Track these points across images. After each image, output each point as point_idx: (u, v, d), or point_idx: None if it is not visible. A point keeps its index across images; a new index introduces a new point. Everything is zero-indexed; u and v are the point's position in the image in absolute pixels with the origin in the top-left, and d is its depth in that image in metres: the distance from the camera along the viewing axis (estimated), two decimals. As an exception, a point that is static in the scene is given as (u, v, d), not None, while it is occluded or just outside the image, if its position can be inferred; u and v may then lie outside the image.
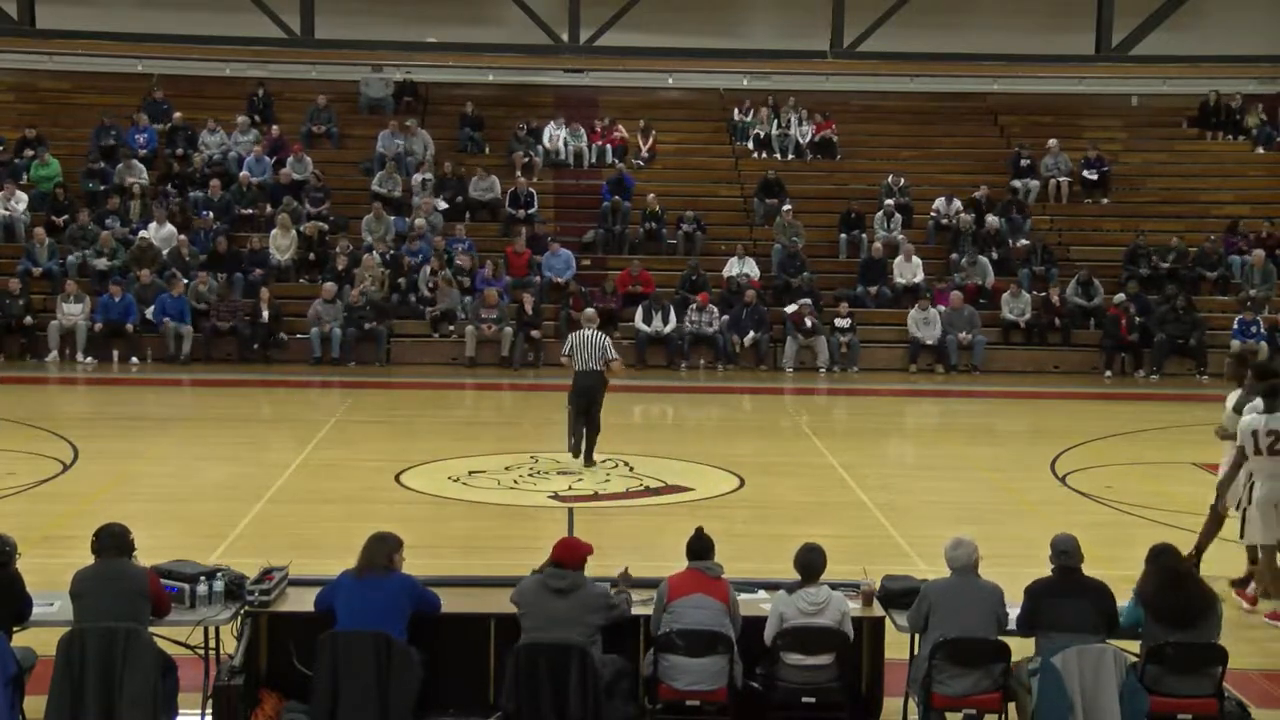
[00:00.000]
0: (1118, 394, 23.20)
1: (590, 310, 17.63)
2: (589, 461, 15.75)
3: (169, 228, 25.32)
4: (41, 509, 13.44)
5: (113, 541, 7.92)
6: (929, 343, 24.27)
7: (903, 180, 27.69)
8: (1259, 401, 10.77)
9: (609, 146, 28.83)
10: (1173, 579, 8.13)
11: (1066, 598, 8.04)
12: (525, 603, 8.01)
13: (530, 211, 26.82)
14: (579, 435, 15.77)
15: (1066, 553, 8.19)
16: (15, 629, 7.88)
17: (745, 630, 8.16)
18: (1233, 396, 11.57)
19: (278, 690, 8.30)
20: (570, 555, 8.19)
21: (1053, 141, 28.72)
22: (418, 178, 27.06)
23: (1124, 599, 8.37)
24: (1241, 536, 10.98)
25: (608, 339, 15.97)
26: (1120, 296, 24.56)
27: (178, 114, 28.09)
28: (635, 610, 8.35)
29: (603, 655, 7.99)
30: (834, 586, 8.29)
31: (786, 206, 26.79)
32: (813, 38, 29.29)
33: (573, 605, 7.96)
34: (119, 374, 23.01)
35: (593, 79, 31.02)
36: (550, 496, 14.33)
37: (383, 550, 8.10)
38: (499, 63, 30.61)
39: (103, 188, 26.39)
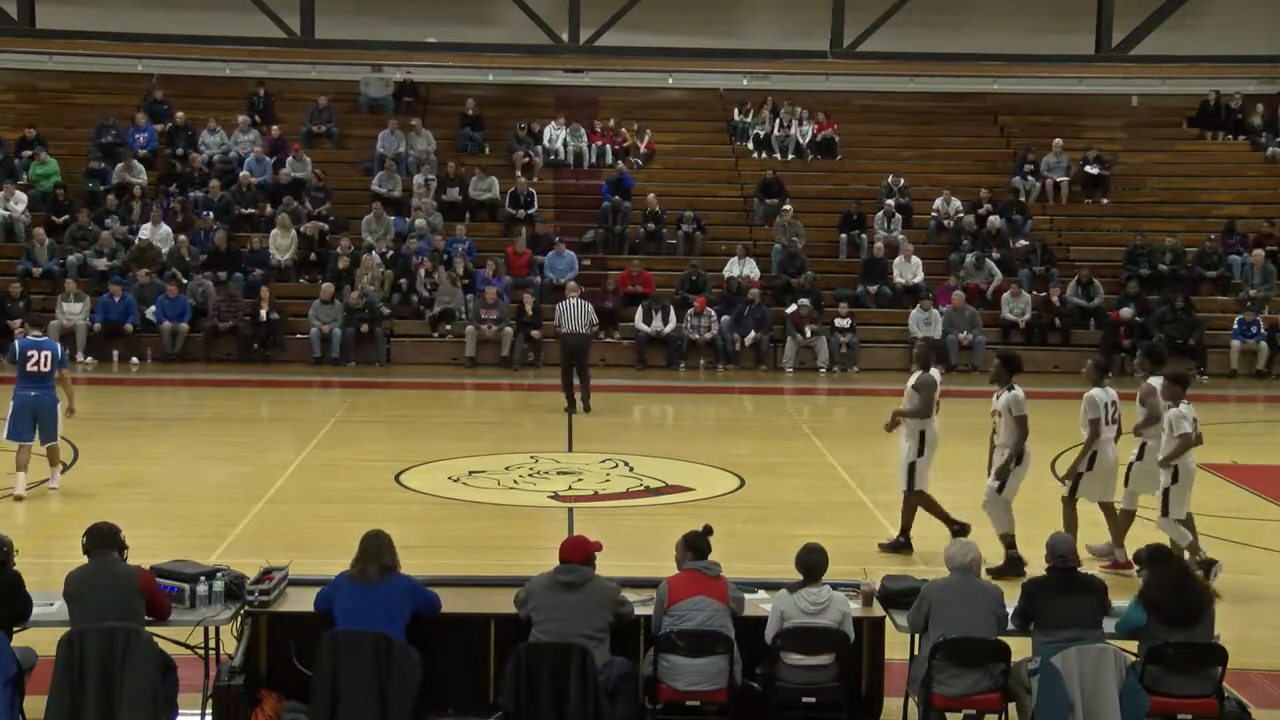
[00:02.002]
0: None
1: (573, 282, 20.52)
2: (587, 408, 19.01)
3: (167, 228, 25.32)
4: (41, 509, 13.44)
5: (101, 540, 7.92)
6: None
7: (903, 180, 27.69)
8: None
9: (609, 146, 28.83)
10: (1181, 580, 8.17)
11: (1064, 594, 8.06)
12: (536, 601, 8.02)
13: (530, 211, 26.82)
14: (573, 391, 19.06)
15: (1062, 556, 8.22)
16: (15, 629, 7.88)
17: (745, 629, 8.16)
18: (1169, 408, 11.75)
19: (278, 690, 8.30)
20: (576, 551, 8.20)
21: (1058, 141, 28.69)
22: (420, 178, 27.03)
23: (1123, 598, 8.37)
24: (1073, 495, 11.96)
25: (590, 305, 19.47)
26: (1127, 311, 24.48)
27: (179, 114, 28.09)
28: (638, 610, 8.35)
29: (609, 656, 7.99)
30: (834, 586, 8.30)
31: (786, 206, 26.78)
32: (813, 38, 29.26)
33: (584, 599, 7.98)
34: (119, 374, 23.01)
35: (593, 79, 31.02)
36: (550, 496, 14.34)
37: (382, 550, 8.08)
38: (499, 63, 30.60)
39: (103, 187, 26.40)
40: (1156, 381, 12.01)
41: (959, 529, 11.91)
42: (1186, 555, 11.08)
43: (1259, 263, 25.79)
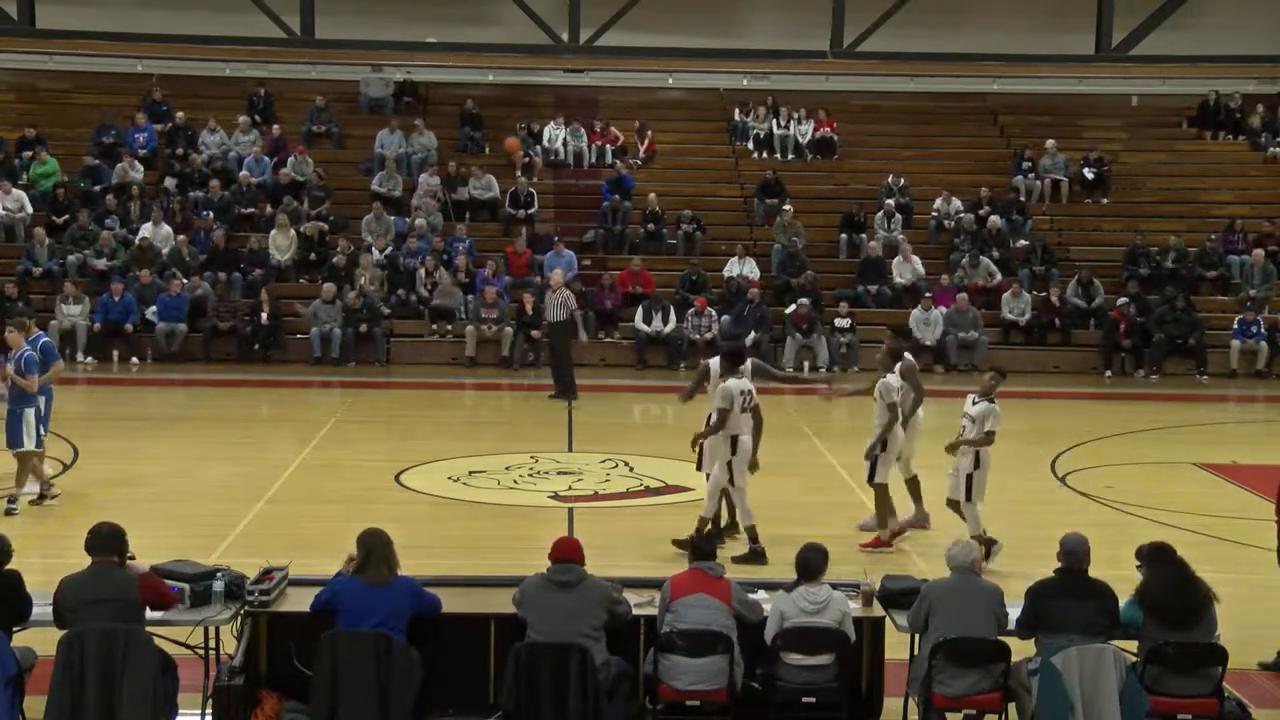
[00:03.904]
0: (1118, 394, 23.20)
1: (557, 272, 21.46)
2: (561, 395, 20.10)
3: (167, 228, 25.33)
4: (42, 509, 13.43)
5: (100, 544, 7.87)
6: (928, 343, 24.25)
7: (903, 180, 27.68)
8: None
9: (609, 146, 28.83)
10: (1181, 580, 8.15)
11: (1069, 599, 8.03)
12: (530, 602, 8.01)
13: (530, 211, 26.82)
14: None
15: (1073, 553, 8.19)
16: (15, 629, 7.88)
17: (746, 630, 8.16)
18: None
19: (278, 690, 8.30)
20: (570, 550, 8.19)
21: (1051, 142, 28.70)
22: (426, 178, 27.00)
23: (1123, 599, 8.36)
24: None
25: (567, 293, 20.66)
26: (1123, 300, 24.51)
27: (179, 114, 28.09)
28: (635, 611, 8.35)
29: (605, 656, 7.99)
30: (834, 586, 8.30)
31: (786, 206, 26.78)
32: (813, 38, 29.26)
33: (579, 598, 7.97)
34: (119, 374, 23.01)
35: (593, 79, 31.02)
36: (550, 496, 14.35)
37: (390, 550, 8.05)
38: (499, 63, 30.60)
39: (96, 187, 26.38)
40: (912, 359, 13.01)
41: (715, 528, 12.28)
42: (976, 542, 11.59)
43: (1259, 263, 25.78)
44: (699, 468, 12.61)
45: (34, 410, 13.28)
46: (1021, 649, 8.21)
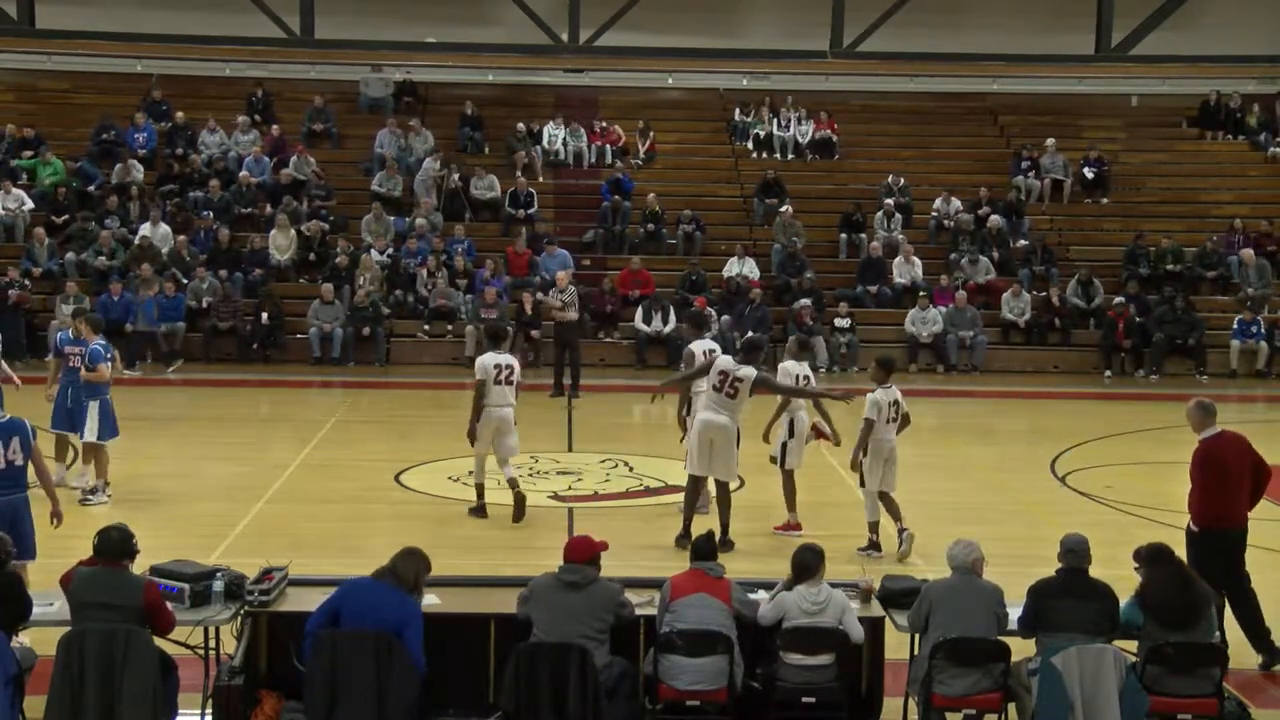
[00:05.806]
0: (1118, 394, 23.20)
1: (562, 274, 21.95)
2: (576, 394, 20.47)
3: (167, 227, 25.31)
4: (41, 509, 13.41)
5: (112, 549, 7.84)
6: (926, 341, 24.25)
7: (903, 180, 27.68)
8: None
9: (608, 146, 28.83)
10: (1182, 581, 8.15)
11: (1070, 598, 8.03)
12: (537, 599, 8.00)
13: (530, 211, 26.81)
14: (563, 378, 20.76)
15: (1073, 552, 8.19)
16: (17, 629, 7.87)
17: (748, 629, 8.15)
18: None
19: (278, 690, 8.30)
20: (581, 552, 8.18)
21: (1051, 142, 28.72)
22: (425, 171, 26.98)
23: (1123, 599, 8.36)
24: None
25: (575, 289, 21.41)
26: (1119, 300, 24.51)
27: (179, 114, 28.08)
28: (637, 612, 8.35)
29: (609, 658, 7.98)
30: (832, 586, 8.30)
31: (786, 206, 26.78)
32: (813, 38, 29.27)
33: (587, 599, 7.97)
34: (119, 374, 22.93)
35: (593, 79, 31.03)
36: (550, 496, 14.35)
37: (413, 567, 7.99)
38: (499, 63, 30.61)
39: (90, 188, 26.35)
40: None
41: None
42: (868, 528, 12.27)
43: (1250, 262, 25.77)
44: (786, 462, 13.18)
45: (99, 403, 13.51)
46: (1022, 649, 8.21)
